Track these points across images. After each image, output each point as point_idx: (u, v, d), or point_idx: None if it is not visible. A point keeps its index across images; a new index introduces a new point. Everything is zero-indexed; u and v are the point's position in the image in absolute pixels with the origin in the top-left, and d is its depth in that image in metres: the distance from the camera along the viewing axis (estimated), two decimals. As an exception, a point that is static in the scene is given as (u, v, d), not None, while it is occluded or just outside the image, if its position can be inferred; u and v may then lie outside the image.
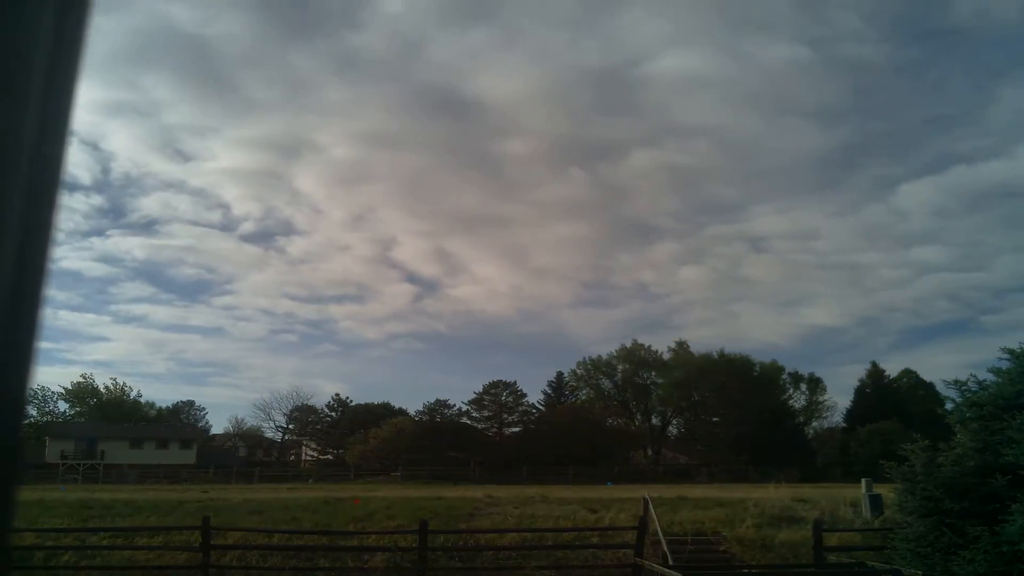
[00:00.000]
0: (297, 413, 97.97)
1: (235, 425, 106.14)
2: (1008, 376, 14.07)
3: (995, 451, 13.27)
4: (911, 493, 14.38)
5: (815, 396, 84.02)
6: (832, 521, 21.87)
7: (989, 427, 13.72)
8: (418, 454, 67.51)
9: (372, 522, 23.39)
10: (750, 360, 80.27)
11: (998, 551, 12.08)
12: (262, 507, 26.41)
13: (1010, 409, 13.34)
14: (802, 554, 19.34)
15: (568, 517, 23.98)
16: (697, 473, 67.81)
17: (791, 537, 20.62)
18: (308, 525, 22.98)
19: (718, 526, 22.10)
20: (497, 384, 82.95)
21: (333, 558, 20.23)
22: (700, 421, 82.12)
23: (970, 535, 12.65)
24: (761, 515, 22.85)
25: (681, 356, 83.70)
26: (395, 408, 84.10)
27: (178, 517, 24.37)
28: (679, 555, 19.14)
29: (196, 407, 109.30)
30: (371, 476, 63.79)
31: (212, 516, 20.48)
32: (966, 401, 14.68)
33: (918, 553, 13.96)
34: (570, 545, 20.59)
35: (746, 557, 20.09)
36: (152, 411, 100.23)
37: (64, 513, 25.39)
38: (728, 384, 75.79)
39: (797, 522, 21.89)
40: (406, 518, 23.13)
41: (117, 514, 25.43)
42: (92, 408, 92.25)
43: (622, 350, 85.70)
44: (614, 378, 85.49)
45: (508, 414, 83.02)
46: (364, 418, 79.30)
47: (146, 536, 21.22)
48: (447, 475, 62.36)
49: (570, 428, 70.43)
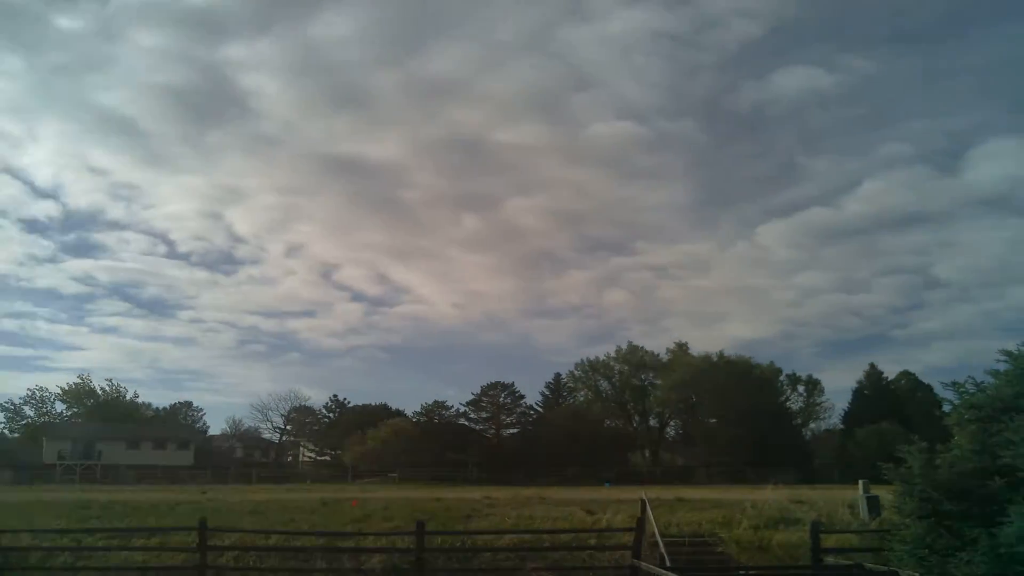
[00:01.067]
0: (294, 414, 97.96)
1: (233, 426, 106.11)
2: (1006, 378, 14.06)
3: (993, 453, 13.26)
4: (908, 495, 14.36)
5: (813, 397, 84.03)
6: (829, 523, 21.83)
7: (987, 429, 13.70)
8: (416, 455, 67.51)
9: (370, 523, 23.36)
10: (748, 362, 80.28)
11: (996, 553, 12.07)
12: (259, 508, 26.37)
13: (1008, 411, 13.34)
14: (799, 556, 19.32)
15: (566, 519, 23.96)
16: (695, 475, 67.83)
17: (788, 539, 20.60)
18: (306, 526, 22.95)
19: (715, 528, 22.08)
20: (495, 385, 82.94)
21: (331, 559, 20.20)
22: (698, 423, 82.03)
23: (968, 537, 12.64)
24: (758, 516, 22.83)
25: (679, 358, 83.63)
26: (393, 409, 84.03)
27: (175, 518, 24.33)
28: (676, 557, 19.13)
29: (194, 408, 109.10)
30: (369, 477, 63.77)
31: (209, 517, 20.44)
32: (964, 403, 14.67)
33: (916, 555, 13.94)
34: (568, 547, 20.56)
35: (743, 558, 20.07)
36: (149, 412, 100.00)
37: (61, 514, 25.31)
38: (726, 386, 75.73)
39: (794, 524, 21.87)
40: (404, 519, 23.10)
41: (114, 515, 25.38)
42: (89, 409, 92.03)
43: (620, 351, 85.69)
44: (612, 379, 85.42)
45: (506, 415, 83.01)
46: (362, 419, 79.19)
47: (143, 537, 21.15)
48: (445, 476, 62.34)
49: (568, 430, 70.41)
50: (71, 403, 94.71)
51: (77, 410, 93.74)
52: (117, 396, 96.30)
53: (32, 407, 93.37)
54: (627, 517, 22.38)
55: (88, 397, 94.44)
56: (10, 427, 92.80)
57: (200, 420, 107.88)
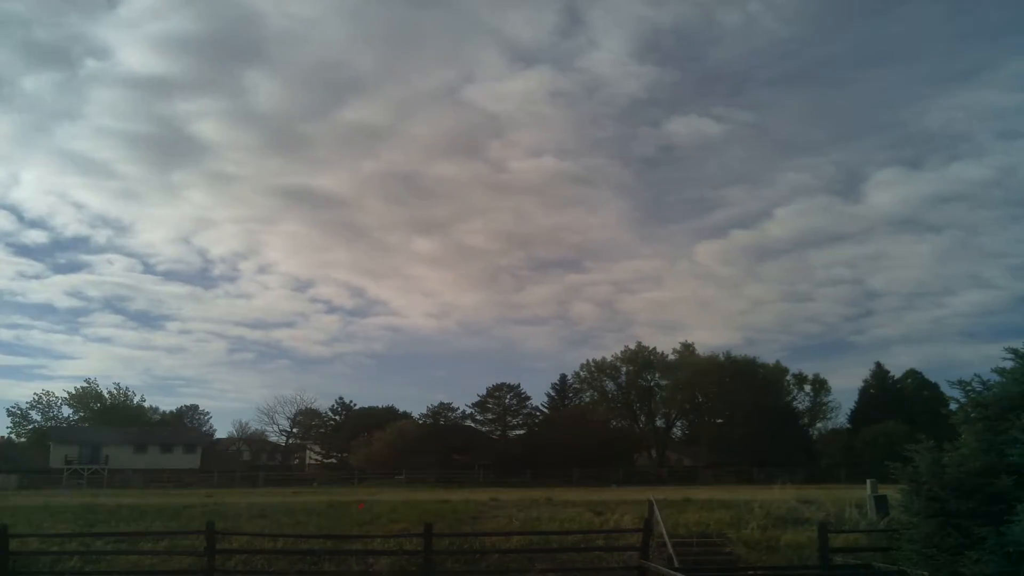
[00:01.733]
0: (301, 417, 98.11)
1: (239, 429, 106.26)
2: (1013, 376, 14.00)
3: (1000, 451, 13.21)
4: (916, 494, 14.31)
5: (819, 397, 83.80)
6: (838, 522, 21.82)
7: (994, 427, 13.65)
8: (422, 457, 67.52)
9: (377, 526, 23.38)
10: (754, 361, 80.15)
11: (1005, 552, 12.03)
12: (266, 511, 26.40)
13: (1015, 409, 13.28)
14: (807, 555, 19.29)
15: (573, 520, 23.96)
16: (701, 475, 67.69)
17: (796, 538, 20.58)
18: (313, 529, 22.98)
19: (723, 528, 22.07)
20: (500, 387, 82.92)
21: (338, 562, 20.24)
22: (704, 423, 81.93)
23: (976, 536, 12.60)
24: (766, 516, 22.81)
25: (685, 358, 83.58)
26: (399, 411, 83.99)
27: (183, 522, 24.38)
28: (684, 557, 19.12)
29: (200, 411, 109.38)
30: (375, 480, 63.74)
31: (217, 520, 20.47)
32: (971, 401, 14.59)
33: (924, 554, 13.89)
34: (575, 548, 20.56)
35: (751, 559, 20.05)
36: (155, 416, 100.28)
37: (69, 518, 25.39)
38: (732, 386, 75.64)
39: (802, 523, 21.85)
40: (411, 521, 23.12)
41: (121, 519, 25.41)
42: (96, 413, 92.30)
43: (626, 352, 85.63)
44: (618, 380, 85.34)
45: (512, 417, 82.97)
46: (368, 422, 79.25)
47: (151, 541, 21.22)
48: (451, 478, 62.34)
49: (574, 430, 70.29)
50: (78, 407, 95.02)
51: (84, 414, 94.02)
52: (123, 400, 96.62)
53: (39, 411, 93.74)
54: (635, 518, 22.39)
55: (95, 401, 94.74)
56: (17, 432, 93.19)
57: (206, 423, 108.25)
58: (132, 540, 21.18)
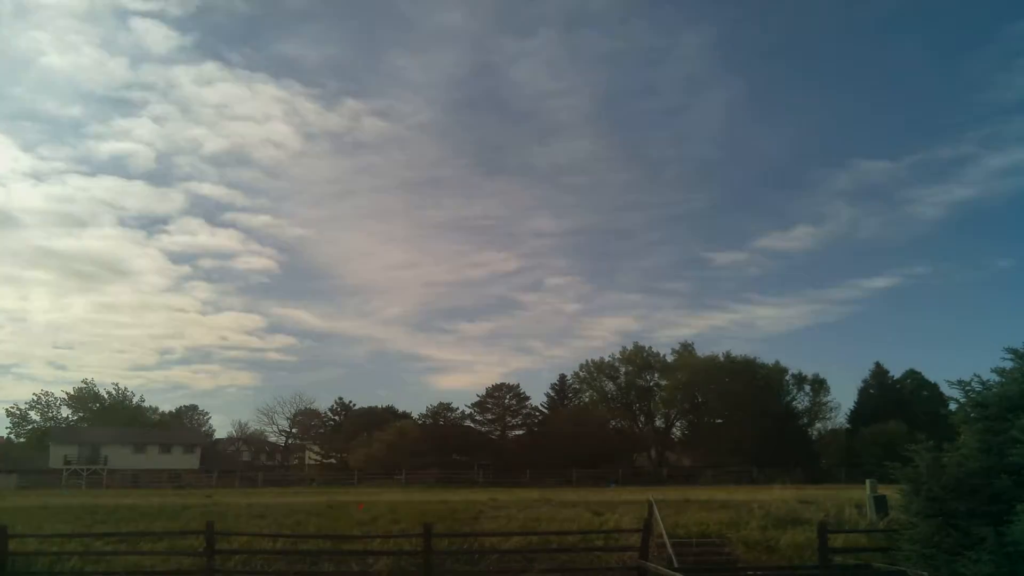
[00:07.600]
0: (300, 417, 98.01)
1: (239, 429, 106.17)
2: (1012, 376, 14.02)
3: (1000, 451, 13.22)
4: (916, 494, 14.32)
5: (819, 397, 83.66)
6: (837, 522, 21.82)
7: (993, 428, 13.66)
8: (422, 458, 67.44)
9: (376, 526, 23.36)
10: (754, 362, 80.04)
11: (1004, 552, 12.04)
12: (266, 511, 26.38)
13: (1014, 409, 13.29)
14: (807, 556, 19.28)
15: (572, 520, 23.94)
16: (701, 475, 67.64)
17: (796, 539, 20.57)
18: (312, 529, 22.97)
19: (723, 528, 22.05)
20: (500, 387, 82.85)
21: (338, 562, 20.22)
22: (704, 423, 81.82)
23: (976, 536, 12.61)
24: (766, 517, 22.79)
25: (684, 358, 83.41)
26: (398, 412, 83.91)
27: (182, 522, 24.35)
28: (684, 557, 19.13)
29: (199, 411, 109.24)
30: (375, 480, 63.71)
31: (216, 521, 20.45)
32: (970, 401, 14.61)
33: (924, 554, 13.91)
34: (575, 548, 20.54)
35: (751, 559, 20.04)
36: (155, 416, 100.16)
37: (68, 518, 25.37)
38: (731, 386, 75.57)
39: (802, 524, 21.83)
40: (410, 522, 23.10)
41: (121, 519, 25.39)
42: (95, 413, 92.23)
43: (625, 352, 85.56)
44: (617, 380, 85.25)
45: (511, 417, 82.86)
46: (367, 422, 79.13)
47: (150, 541, 21.19)
48: (451, 478, 62.30)
49: (573, 431, 70.27)
50: (77, 408, 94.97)
51: (83, 415, 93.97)
52: (122, 400, 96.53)
53: (38, 412, 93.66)
54: (634, 518, 22.37)
55: (94, 401, 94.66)
56: (16, 432, 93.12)
57: (206, 424, 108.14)
58: (131, 540, 21.16)
